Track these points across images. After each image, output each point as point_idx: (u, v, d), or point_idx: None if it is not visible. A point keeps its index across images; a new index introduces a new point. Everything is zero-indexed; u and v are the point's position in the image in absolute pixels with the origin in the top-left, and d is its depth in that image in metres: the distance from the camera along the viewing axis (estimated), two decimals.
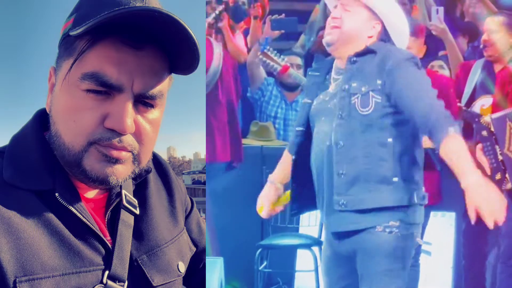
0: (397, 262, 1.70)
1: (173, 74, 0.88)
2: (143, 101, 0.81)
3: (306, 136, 1.82)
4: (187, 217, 1.12)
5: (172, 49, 0.81)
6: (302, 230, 3.00)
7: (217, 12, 3.14)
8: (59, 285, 0.76)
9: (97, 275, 0.81)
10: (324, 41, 1.78)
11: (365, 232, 1.69)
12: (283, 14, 3.29)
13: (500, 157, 2.17)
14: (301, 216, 2.87)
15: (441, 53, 3.18)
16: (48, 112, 0.85)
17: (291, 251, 3.09)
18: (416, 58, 1.74)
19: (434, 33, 3.00)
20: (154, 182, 1.03)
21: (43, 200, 0.80)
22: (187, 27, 0.77)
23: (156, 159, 1.08)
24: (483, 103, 2.63)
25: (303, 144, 1.82)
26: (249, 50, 3.26)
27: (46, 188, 0.81)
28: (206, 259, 1.15)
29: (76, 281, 0.78)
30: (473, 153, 2.23)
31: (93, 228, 0.82)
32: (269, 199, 1.90)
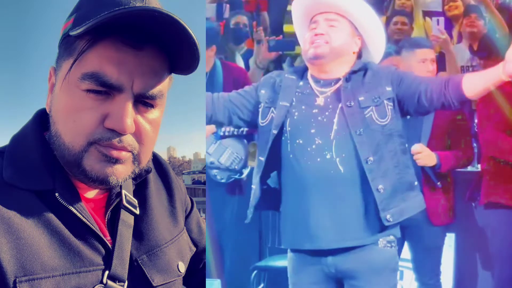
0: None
1: (173, 74, 0.88)
2: (143, 101, 0.81)
3: (278, 140, 1.75)
4: (187, 217, 1.12)
5: (172, 49, 0.81)
6: None
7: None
8: (59, 285, 0.76)
9: (97, 275, 0.81)
10: (312, 53, 1.72)
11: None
12: (281, 36, 3.22)
13: None
14: None
15: None
16: (48, 112, 0.85)
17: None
18: None
19: (434, 43, 2.95)
20: (154, 182, 1.03)
21: (43, 200, 0.80)
22: (187, 27, 0.77)
23: (156, 159, 1.08)
24: None
25: (274, 147, 1.75)
26: (243, 70, 3.15)
27: (46, 188, 0.81)
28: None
29: (76, 281, 0.78)
30: None
31: (93, 228, 0.82)
32: None
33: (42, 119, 0.89)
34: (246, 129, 2.64)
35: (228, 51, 3.28)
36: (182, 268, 0.98)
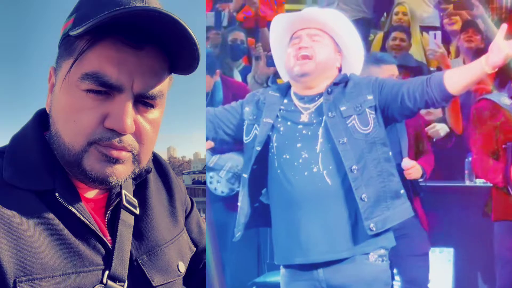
0: None
1: (173, 74, 0.88)
2: (143, 101, 0.81)
3: (264, 156, 1.75)
4: (187, 217, 1.12)
5: (172, 49, 0.81)
6: None
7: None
8: (59, 285, 0.76)
9: (97, 275, 0.81)
10: (298, 71, 1.72)
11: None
12: None
13: None
14: None
15: None
16: (48, 112, 0.85)
17: None
18: None
19: (431, 57, 2.96)
20: (154, 182, 1.03)
21: (43, 200, 0.80)
22: (187, 27, 0.77)
23: (156, 159, 1.08)
24: None
25: (260, 164, 1.75)
26: (243, 86, 3.14)
27: (46, 188, 0.81)
28: None
29: (76, 281, 0.78)
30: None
31: (93, 228, 0.82)
32: None
33: (42, 119, 0.89)
34: None
35: (226, 66, 3.28)
36: (182, 268, 0.98)
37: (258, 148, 1.73)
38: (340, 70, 1.82)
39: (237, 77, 3.27)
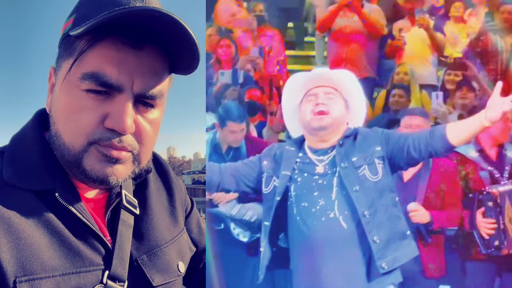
0: None
1: (173, 74, 0.88)
2: (143, 101, 0.81)
3: (283, 205, 1.89)
4: (187, 217, 1.12)
5: (172, 49, 0.81)
6: None
7: None
8: (59, 285, 0.76)
9: (97, 275, 0.81)
10: (316, 125, 1.86)
11: None
12: None
13: (502, 226, 2.40)
14: None
15: None
16: (48, 112, 0.85)
17: None
18: None
19: (434, 115, 3.20)
20: (154, 182, 1.03)
21: (43, 200, 0.80)
22: (187, 27, 0.77)
23: (156, 159, 1.08)
24: None
25: (278, 212, 1.89)
26: (265, 143, 3.29)
27: (46, 188, 0.81)
28: None
29: (76, 281, 0.78)
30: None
31: (93, 228, 0.83)
32: None
33: (42, 119, 0.89)
34: None
35: None
36: (182, 268, 0.98)
37: (278, 198, 1.88)
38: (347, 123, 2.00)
39: (253, 132, 3.50)
